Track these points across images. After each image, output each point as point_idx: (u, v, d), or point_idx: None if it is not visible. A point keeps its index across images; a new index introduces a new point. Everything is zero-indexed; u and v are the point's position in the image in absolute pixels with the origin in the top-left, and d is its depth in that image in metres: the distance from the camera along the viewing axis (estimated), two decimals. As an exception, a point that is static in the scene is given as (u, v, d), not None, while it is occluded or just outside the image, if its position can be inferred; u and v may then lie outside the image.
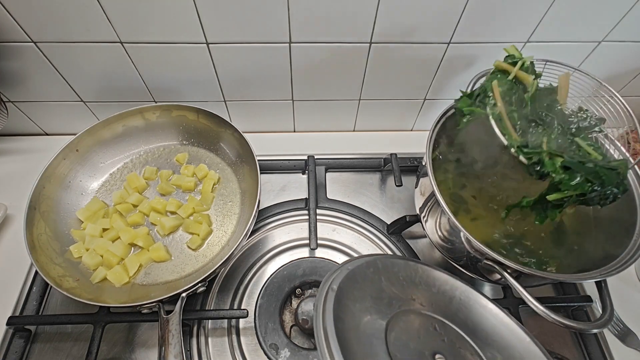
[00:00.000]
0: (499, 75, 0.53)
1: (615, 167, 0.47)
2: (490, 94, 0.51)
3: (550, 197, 0.47)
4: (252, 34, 0.62)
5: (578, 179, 0.46)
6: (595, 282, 0.51)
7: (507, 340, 0.51)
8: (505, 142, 0.48)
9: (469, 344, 0.48)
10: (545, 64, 0.56)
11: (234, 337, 0.60)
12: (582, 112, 0.54)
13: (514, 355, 0.49)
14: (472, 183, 0.58)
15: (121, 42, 0.62)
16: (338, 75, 0.71)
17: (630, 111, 0.53)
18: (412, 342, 0.45)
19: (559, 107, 0.53)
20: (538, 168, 0.48)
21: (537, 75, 0.54)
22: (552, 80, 0.56)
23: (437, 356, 0.44)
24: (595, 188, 0.46)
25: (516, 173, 0.53)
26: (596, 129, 0.53)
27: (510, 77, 0.52)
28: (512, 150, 0.48)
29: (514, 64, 0.53)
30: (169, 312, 0.52)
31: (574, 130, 0.53)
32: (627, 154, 0.56)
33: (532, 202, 0.50)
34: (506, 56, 0.54)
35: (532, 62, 0.53)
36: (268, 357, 0.57)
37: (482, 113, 0.51)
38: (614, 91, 0.54)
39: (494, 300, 0.54)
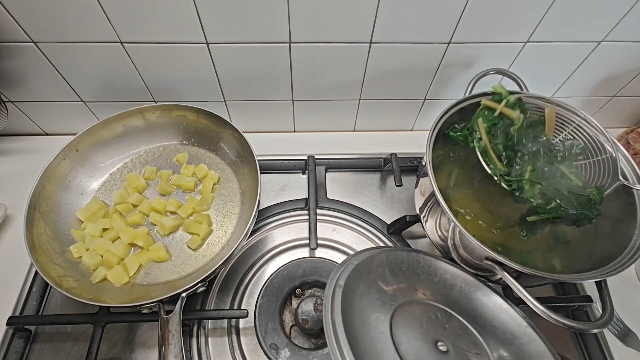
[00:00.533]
0: (486, 112, 0.58)
1: (587, 193, 0.54)
2: (477, 129, 0.57)
3: (530, 219, 0.54)
4: (252, 34, 0.62)
5: (553, 204, 0.53)
6: (595, 282, 0.51)
7: (506, 324, 0.52)
8: (489, 171, 0.55)
9: (469, 330, 0.50)
10: (531, 103, 0.60)
11: (234, 337, 0.60)
12: (568, 142, 0.59)
13: (511, 339, 0.51)
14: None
15: (121, 42, 0.62)
16: (338, 75, 0.71)
17: (605, 131, 0.57)
18: (415, 331, 0.46)
19: (545, 138, 0.59)
20: (517, 194, 0.54)
21: (525, 110, 0.59)
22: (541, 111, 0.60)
23: (439, 344, 0.45)
24: (570, 211, 0.53)
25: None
26: (580, 157, 0.58)
27: (495, 114, 0.57)
28: (495, 178, 0.55)
29: (501, 101, 0.58)
30: (169, 312, 0.52)
31: (559, 158, 0.58)
32: (627, 154, 0.56)
33: (517, 221, 0.56)
34: (492, 93, 0.59)
35: (519, 98, 0.59)
36: (268, 357, 0.57)
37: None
38: (589, 117, 0.58)
39: (492, 287, 0.55)
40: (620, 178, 0.53)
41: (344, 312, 0.42)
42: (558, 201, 0.53)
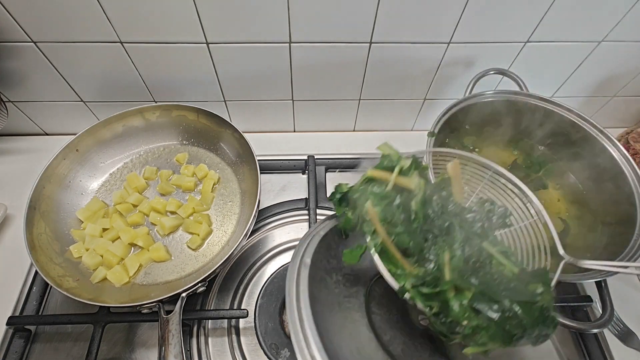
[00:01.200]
0: (374, 187, 0.41)
1: (534, 298, 0.35)
2: (367, 217, 0.39)
3: (467, 351, 0.35)
4: (252, 34, 0.62)
5: (493, 329, 0.34)
6: (596, 282, 0.51)
7: None
8: (395, 285, 0.36)
9: None
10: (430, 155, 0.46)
11: (234, 337, 0.60)
12: (485, 205, 0.43)
13: None
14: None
15: (121, 42, 0.62)
16: (338, 75, 0.71)
17: (523, 187, 0.44)
18: (394, 306, 0.40)
19: (455, 204, 0.42)
20: (444, 320, 0.35)
21: (424, 171, 0.43)
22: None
23: (420, 317, 0.41)
24: (521, 335, 0.34)
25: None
26: (506, 221, 0.43)
27: (388, 188, 0.40)
28: (407, 296, 0.36)
29: (392, 168, 0.42)
30: (169, 312, 0.52)
31: (479, 231, 0.41)
32: (627, 154, 0.56)
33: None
34: (382, 156, 0.43)
35: (415, 157, 0.43)
36: (268, 357, 0.57)
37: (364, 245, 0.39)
38: (504, 171, 0.45)
39: None
40: (562, 253, 0.40)
41: (312, 299, 0.34)
42: (499, 322, 0.34)
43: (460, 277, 0.36)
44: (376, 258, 0.37)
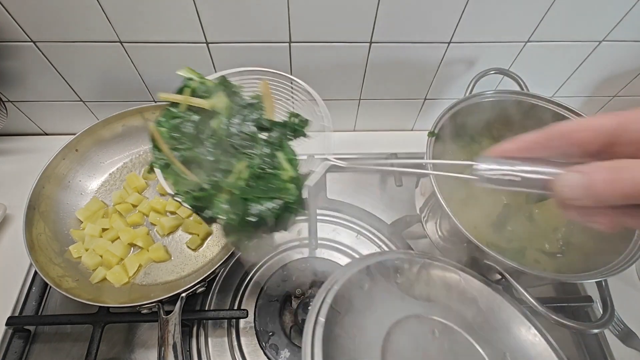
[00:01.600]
0: (171, 110, 0.44)
1: (283, 192, 0.41)
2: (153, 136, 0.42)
3: (228, 239, 0.41)
4: (252, 33, 0.62)
5: (237, 215, 0.40)
6: (596, 282, 0.51)
7: (511, 331, 0.48)
8: (170, 191, 0.41)
9: (471, 345, 0.46)
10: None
11: (234, 337, 0.59)
12: (293, 118, 0.48)
13: (519, 350, 0.47)
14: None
15: (121, 42, 0.62)
16: (338, 75, 0.71)
17: (311, 90, 0.51)
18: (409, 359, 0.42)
19: (267, 120, 0.47)
20: (205, 214, 0.41)
21: (235, 91, 0.47)
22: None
23: None
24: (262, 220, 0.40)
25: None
26: (303, 132, 0.48)
27: (180, 109, 0.44)
28: (180, 199, 0.41)
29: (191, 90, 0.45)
30: (168, 313, 0.52)
31: (280, 143, 0.46)
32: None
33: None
34: (186, 79, 0.46)
35: (223, 77, 0.47)
36: (268, 358, 0.57)
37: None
38: (291, 77, 0.50)
39: (494, 285, 0.51)
40: (329, 158, 0.45)
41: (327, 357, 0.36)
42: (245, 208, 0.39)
43: (240, 183, 0.41)
44: (157, 171, 0.42)
